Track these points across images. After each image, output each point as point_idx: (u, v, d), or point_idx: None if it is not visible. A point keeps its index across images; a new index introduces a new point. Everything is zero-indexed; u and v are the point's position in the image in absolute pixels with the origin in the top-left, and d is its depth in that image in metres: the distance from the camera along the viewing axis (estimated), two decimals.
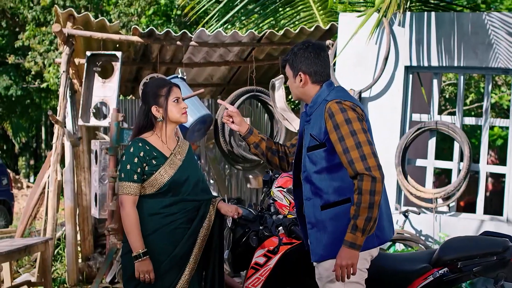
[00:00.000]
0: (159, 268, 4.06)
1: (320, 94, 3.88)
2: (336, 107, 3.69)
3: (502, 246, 3.84)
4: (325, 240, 3.75)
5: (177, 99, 4.20)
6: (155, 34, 7.77)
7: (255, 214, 4.32)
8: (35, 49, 16.82)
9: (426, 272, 3.97)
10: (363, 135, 3.63)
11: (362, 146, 3.59)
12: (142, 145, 4.13)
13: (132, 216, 4.05)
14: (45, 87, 17.82)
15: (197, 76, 9.96)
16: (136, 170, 4.07)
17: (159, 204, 4.11)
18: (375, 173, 3.55)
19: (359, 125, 3.66)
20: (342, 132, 3.63)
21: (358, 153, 3.58)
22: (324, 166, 3.75)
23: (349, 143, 3.60)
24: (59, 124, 7.59)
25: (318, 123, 3.78)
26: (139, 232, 4.04)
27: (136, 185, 4.07)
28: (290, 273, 4.20)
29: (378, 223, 3.71)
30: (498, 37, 7.03)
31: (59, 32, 7.47)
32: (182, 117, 4.22)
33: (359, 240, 3.58)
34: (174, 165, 4.16)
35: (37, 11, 16.94)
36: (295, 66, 3.93)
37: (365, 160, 3.57)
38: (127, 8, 15.68)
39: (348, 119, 3.65)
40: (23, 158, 29.50)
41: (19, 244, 6.91)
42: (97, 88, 7.59)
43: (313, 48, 3.93)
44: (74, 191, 8.20)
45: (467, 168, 7.05)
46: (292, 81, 3.98)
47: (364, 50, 7.42)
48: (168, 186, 4.10)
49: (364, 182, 3.55)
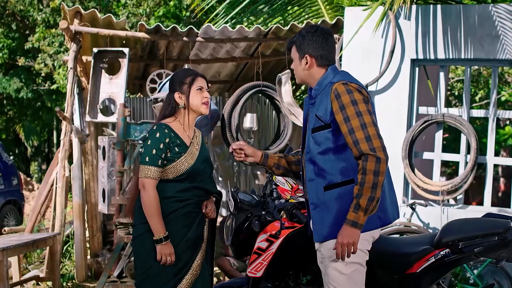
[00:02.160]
0: (188, 237, 4.18)
1: (326, 77, 3.91)
2: (343, 88, 3.73)
3: (504, 226, 3.83)
4: (328, 221, 3.76)
5: (200, 88, 4.26)
6: (162, 30, 7.79)
7: (257, 199, 4.33)
8: (45, 51, 16.91)
9: (428, 254, 3.96)
10: (369, 116, 3.67)
11: (367, 127, 3.63)
12: (168, 132, 4.19)
13: (155, 199, 4.10)
14: (55, 89, 17.91)
15: (204, 73, 9.97)
16: (161, 155, 4.13)
17: (174, 188, 4.17)
18: (379, 154, 3.59)
19: (364, 106, 3.69)
20: (348, 113, 3.67)
21: (363, 134, 3.62)
22: (328, 147, 3.77)
23: (355, 124, 3.64)
24: (66, 121, 7.63)
25: (324, 105, 3.80)
26: (160, 215, 4.10)
27: (159, 170, 4.14)
28: (292, 257, 4.20)
29: (381, 204, 3.74)
30: (505, 28, 7.00)
31: (66, 29, 7.51)
32: (202, 107, 4.27)
33: (361, 220, 3.61)
34: (193, 155, 4.24)
35: (46, 13, 17.04)
36: (302, 49, 3.95)
37: (370, 141, 3.61)
38: (136, 9, 15.74)
39: (354, 100, 3.69)
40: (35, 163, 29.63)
41: (27, 238, 6.96)
42: (104, 85, 7.63)
43: (322, 32, 3.97)
44: (83, 188, 8.24)
45: (474, 160, 7.02)
46: (297, 63, 4.00)
47: (370, 44, 7.41)
48: (187, 174, 4.18)
49: (368, 162, 3.59)
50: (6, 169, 13.07)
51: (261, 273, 4.11)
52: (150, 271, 4.14)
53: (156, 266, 4.12)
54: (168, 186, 4.17)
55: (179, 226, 4.16)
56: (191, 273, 4.20)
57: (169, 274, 4.13)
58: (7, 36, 19.18)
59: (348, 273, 3.76)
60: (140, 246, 4.19)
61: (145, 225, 4.15)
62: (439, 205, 7.12)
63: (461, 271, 6.81)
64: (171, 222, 4.14)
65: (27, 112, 22.86)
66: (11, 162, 13.80)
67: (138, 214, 4.22)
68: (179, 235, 4.16)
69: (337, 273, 3.77)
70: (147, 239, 4.13)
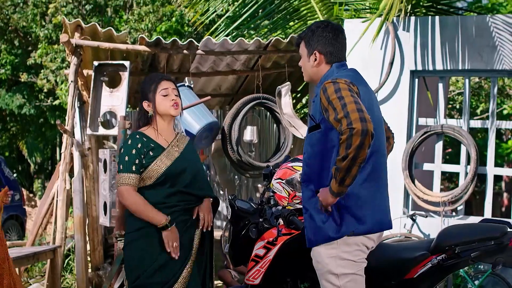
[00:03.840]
0: (160, 259, 4.09)
1: (328, 75, 3.85)
2: (330, 82, 3.65)
3: (500, 231, 3.82)
4: (313, 226, 3.74)
5: (165, 91, 4.25)
6: (162, 43, 7.83)
7: (254, 207, 4.34)
8: (47, 67, 16.98)
9: (425, 259, 3.95)
10: (350, 97, 3.53)
11: (347, 105, 3.49)
12: (139, 137, 4.20)
13: (138, 199, 4.09)
14: (57, 105, 17.97)
15: (205, 86, 10.01)
16: (134, 161, 4.13)
17: (159, 195, 4.15)
18: (355, 125, 3.42)
19: (348, 92, 3.57)
20: (333, 101, 3.55)
21: (343, 112, 3.48)
22: (318, 149, 3.74)
23: (337, 107, 3.52)
24: (67, 134, 7.65)
25: (316, 102, 3.76)
26: (152, 207, 4.09)
27: (135, 176, 4.12)
28: (290, 263, 4.20)
29: (358, 212, 3.70)
30: (502, 39, 7.04)
31: (67, 43, 7.54)
32: (171, 109, 4.26)
33: (334, 187, 3.54)
34: (171, 156, 4.22)
35: (49, 29, 17.15)
36: (311, 45, 3.88)
37: (348, 116, 3.46)
38: (138, 24, 15.82)
39: (338, 89, 3.59)
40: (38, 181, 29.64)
41: (27, 251, 6.96)
42: (104, 98, 7.64)
43: (332, 28, 3.89)
44: (84, 201, 8.24)
45: (474, 171, 7.03)
46: (305, 60, 3.93)
47: (369, 56, 7.45)
48: (165, 177, 4.15)
49: (344, 136, 3.46)
50: (8, 184, 13.07)
51: (259, 280, 4.12)
52: (140, 282, 4.11)
53: (145, 276, 4.10)
54: (152, 193, 4.16)
55: None
56: (179, 284, 4.14)
57: (157, 284, 4.10)
58: (10, 52, 19.27)
59: (340, 284, 3.73)
60: (129, 255, 4.19)
61: (133, 234, 4.17)
62: (440, 216, 7.12)
63: (462, 281, 6.79)
64: (157, 230, 4.11)
65: (30, 129, 22.90)
66: (13, 177, 13.84)
67: (127, 223, 4.23)
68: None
69: (330, 285, 3.76)
70: (135, 248, 4.14)
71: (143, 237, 4.14)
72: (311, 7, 9.32)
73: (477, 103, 16.90)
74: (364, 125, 3.44)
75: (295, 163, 4.52)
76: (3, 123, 22.90)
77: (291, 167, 4.48)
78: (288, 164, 4.53)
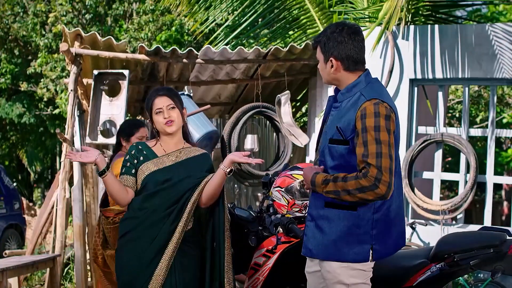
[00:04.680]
0: (144, 256, 4.08)
1: (356, 85, 3.69)
2: (372, 109, 3.53)
3: (499, 239, 3.82)
4: (319, 239, 3.70)
5: (159, 109, 4.24)
6: (162, 52, 7.84)
7: (254, 215, 4.33)
8: (47, 76, 16.99)
9: (424, 267, 3.96)
10: (387, 147, 3.49)
11: (382, 156, 3.46)
12: (135, 146, 4.28)
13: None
14: (57, 114, 17.97)
15: (204, 95, 10.02)
16: (126, 164, 4.21)
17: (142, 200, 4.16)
18: (381, 187, 3.44)
19: (386, 136, 3.51)
20: (368, 137, 3.49)
21: (375, 161, 3.45)
22: (341, 163, 3.66)
23: (371, 150, 3.47)
24: (67, 143, 7.65)
25: (348, 117, 3.62)
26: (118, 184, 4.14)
27: (127, 177, 4.20)
28: (289, 272, 4.20)
29: (382, 236, 3.67)
30: (502, 48, 7.06)
31: (66, 52, 7.55)
32: (166, 127, 4.25)
33: (319, 188, 3.62)
34: (160, 164, 4.20)
35: (49, 39, 17.14)
36: (327, 51, 3.70)
37: (380, 170, 3.44)
38: (137, 33, 15.84)
39: (378, 126, 3.50)
40: (38, 190, 29.61)
41: (27, 260, 6.95)
42: (104, 107, 7.65)
43: (348, 32, 3.70)
44: (83, 210, 8.23)
45: (473, 179, 7.04)
46: (322, 66, 3.78)
47: (369, 64, 7.38)
48: (146, 182, 4.15)
49: (364, 179, 3.46)
50: (8, 193, 13.11)
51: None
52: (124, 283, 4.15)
53: (128, 276, 4.12)
54: (138, 197, 4.19)
55: (148, 231, 4.11)
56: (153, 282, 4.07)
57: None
58: (10, 62, 19.27)
59: None
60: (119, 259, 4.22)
61: (123, 237, 4.19)
62: (439, 224, 7.12)
63: None
64: (140, 229, 4.12)
65: (29, 138, 22.89)
66: (13, 187, 13.83)
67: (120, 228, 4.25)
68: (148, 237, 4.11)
69: None
70: (125, 251, 4.16)
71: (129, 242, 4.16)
72: (311, 16, 9.35)
73: (476, 111, 16.91)
74: (388, 192, 3.47)
75: (294, 171, 4.51)
76: (3, 132, 22.89)
77: (291, 175, 4.48)
78: (288, 172, 4.53)
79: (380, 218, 3.66)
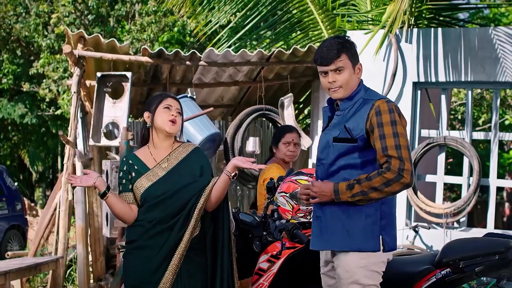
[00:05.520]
0: (151, 264, 4.06)
1: (358, 93, 3.87)
2: (385, 106, 3.73)
3: (504, 246, 3.83)
4: (332, 230, 3.78)
5: (168, 106, 4.21)
6: (165, 54, 7.84)
7: (258, 220, 4.33)
8: (49, 76, 17.00)
9: (429, 274, 3.96)
10: (404, 139, 3.68)
11: (401, 148, 3.65)
12: (126, 160, 4.23)
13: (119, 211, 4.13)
14: (59, 114, 17.98)
15: (207, 97, 10.02)
16: (122, 182, 4.17)
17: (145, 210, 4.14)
18: (406, 176, 3.62)
19: (402, 129, 3.72)
20: (385, 131, 3.67)
21: (396, 153, 3.64)
22: (346, 161, 3.79)
23: (389, 143, 3.65)
24: (70, 145, 7.66)
25: (356, 117, 3.78)
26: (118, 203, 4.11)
27: (127, 194, 4.18)
28: (294, 277, 4.20)
29: (389, 229, 3.79)
30: (505, 51, 7.05)
31: (69, 54, 7.56)
32: (167, 124, 4.18)
33: (343, 197, 3.69)
34: (153, 177, 4.16)
35: (51, 39, 17.15)
36: (356, 57, 3.88)
37: (402, 161, 3.63)
38: (140, 35, 15.85)
39: (394, 121, 3.70)
40: (40, 189, 29.65)
41: (29, 262, 6.96)
42: (107, 109, 7.65)
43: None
44: (86, 212, 8.24)
45: (476, 183, 7.03)
46: (351, 72, 3.85)
47: (372, 67, 7.45)
48: (144, 198, 4.13)
49: (388, 173, 3.63)
50: (10, 194, 13.13)
51: None
52: None
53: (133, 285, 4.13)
54: (140, 211, 4.18)
55: (154, 241, 4.10)
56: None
57: None
58: (12, 62, 19.28)
59: None
60: (126, 265, 4.21)
61: (128, 246, 4.19)
62: (442, 227, 7.11)
63: None
64: (147, 239, 4.10)
65: (31, 138, 22.91)
66: (15, 187, 13.85)
67: (126, 235, 4.25)
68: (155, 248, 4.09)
69: None
70: (129, 260, 4.16)
71: (136, 249, 4.14)
72: (314, 18, 9.35)
73: (479, 113, 16.92)
74: (412, 180, 3.66)
75: (299, 177, 4.51)
76: (5, 132, 22.92)
77: (295, 181, 4.48)
78: (292, 178, 4.52)
79: (386, 209, 3.81)
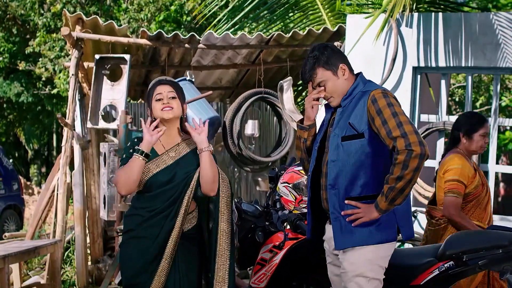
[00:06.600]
0: (147, 254, 4.07)
1: (356, 87, 3.93)
2: (379, 93, 3.79)
3: (508, 239, 3.83)
4: (348, 227, 3.79)
5: (160, 97, 4.19)
6: (163, 37, 7.80)
7: (260, 210, 4.32)
8: (45, 55, 16.90)
9: (432, 266, 3.97)
10: (404, 116, 3.73)
11: (403, 124, 3.67)
12: (138, 141, 4.17)
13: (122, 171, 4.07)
14: (55, 93, 17.91)
15: (206, 79, 9.99)
16: (130, 157, 4.09)
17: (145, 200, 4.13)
18: (415, 148, 3.61)
19: (400, 108, 3.77)
20: (385, 115, 3.71)
21: (399, 132, 3.65)
22: (357, 158, 3.79)
23: (391, 125, 3.68)
24: (68, 127, 7.63)
25: (357, 111, 3.83)
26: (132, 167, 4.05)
27: None
28: (296, 268, 4.20)
29: (405, 217, 3.86)
30: (506, 37, 7.01)
31: (68, 36, 7.51)
32: (163, 113, 4.16)
33: (382, 205, 3.69)
34: (161, 163, 4.14)
35: (47, 18, 17.01)
36: (333, 62, 3.92)
37: (406, 137, 3.64)
38: (137, 14, 15.74)
39: (390, 103, 3.75)
40: (35, 166, 29.63)
41: (28, 245, 6.95)
42: (105, 91, 7.61)
43: (333, 47, 4.01)
44: (84, 194, 8.23)
45: None
46: (334, 79, 3.92)
47: (372, 51, 7.42)
48: (150, 184, 4.10)
49: (399, 156, 3.64)
50: (6, 174, 13.09)
51: (264, 284, 4.12)
52: (127, 281, 4.13)
53: (131, 276, 4.11)
54: (140, 197, 4.16)
55: (152, 229, 4.10)
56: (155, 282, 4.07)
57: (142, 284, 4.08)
58: (8, 40, 19.18)
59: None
60: (123, 254, 4.19)
61: (125, 235, 4.17)
62: None
63: None
64: (143, 228, 4.10)
65: (27, 116, 22.86)
66: (12, 167, 13.81)
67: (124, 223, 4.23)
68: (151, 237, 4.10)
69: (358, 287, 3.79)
70: (128, 247, 4.14)
71: (132, 238, 4.14)
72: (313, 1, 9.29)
73: (476, 95, 16.89)
74: (423, 149, 3.65)
75: (301, 167, 4.50)
76: (1, 110, 22.86)
77: (298, 171, 4.47)
78: (295, 168, 4.51)
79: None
